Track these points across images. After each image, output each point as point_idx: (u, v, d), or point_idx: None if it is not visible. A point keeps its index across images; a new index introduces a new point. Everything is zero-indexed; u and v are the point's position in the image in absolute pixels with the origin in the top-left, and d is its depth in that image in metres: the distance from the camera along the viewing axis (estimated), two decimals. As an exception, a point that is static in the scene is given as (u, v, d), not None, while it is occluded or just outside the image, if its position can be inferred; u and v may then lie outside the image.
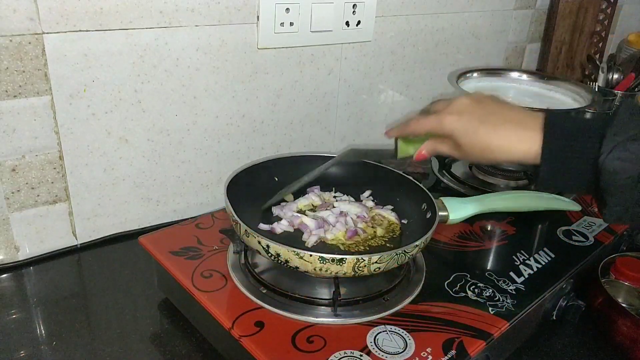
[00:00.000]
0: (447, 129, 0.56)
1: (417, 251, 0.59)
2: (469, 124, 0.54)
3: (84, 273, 0.74)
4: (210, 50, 0.78)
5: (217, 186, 0.88)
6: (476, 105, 0.56)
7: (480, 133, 0.53)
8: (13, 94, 0.65)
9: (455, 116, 0.55)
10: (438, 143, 0.59)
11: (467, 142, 0.55)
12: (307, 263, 0.53)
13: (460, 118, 0.55)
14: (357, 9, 0.90)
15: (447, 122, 0.56)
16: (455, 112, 0.56)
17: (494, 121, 0.54)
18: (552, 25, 1.35)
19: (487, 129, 0.53)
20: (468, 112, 0.55)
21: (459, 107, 0.56)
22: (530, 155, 0.51)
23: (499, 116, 0.54)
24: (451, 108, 0.56)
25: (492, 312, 0.59)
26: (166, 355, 0.60)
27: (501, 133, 0.53)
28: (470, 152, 0.55)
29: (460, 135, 0.55)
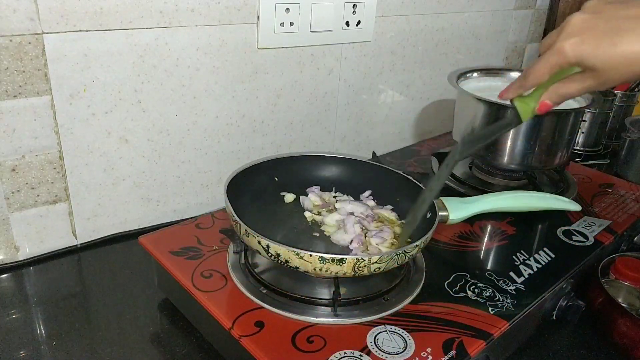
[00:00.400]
0: (573, 58, 0.46)
1: (417, 251, 0.59)
2: (598, 40, 0.45)
3: (84, 273, 0.74)
4: (210, 50, 0.78)
5: (217, 186, 0.88)
6: (598, 16, 0.46)
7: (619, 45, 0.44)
8: (13, 94, 0.65)
9: (577, 38, 0.46)
10: (563, 84, 0.50)
11: (604, 62, 0.45)
12: (307, 263, 0.53)
13: (584, 38, 0.46)
14: (357, 9, 0.90)
15: (570, 50, 0.46)
16: (574, 34, 0.46)
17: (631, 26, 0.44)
18: (552, 25, 1.35)
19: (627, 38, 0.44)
20: (591, 27, 0.46)
21: (577, 27, 0.46)
22: None
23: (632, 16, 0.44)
24: (568, 32, 0.47)
25: (492, 312, 0.59)
26: (166, 355, 0.60)
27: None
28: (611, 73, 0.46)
29: (592, 57, 0.45)
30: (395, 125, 1.13)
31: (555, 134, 0.82)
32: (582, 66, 0.47)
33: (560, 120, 0.82)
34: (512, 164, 0.84)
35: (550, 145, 0.83)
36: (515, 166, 0.85)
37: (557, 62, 0.48)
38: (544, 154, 0.83)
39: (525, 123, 0.78)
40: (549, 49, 0.48)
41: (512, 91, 0.54)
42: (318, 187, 0.74)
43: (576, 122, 0.85)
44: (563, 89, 0.50)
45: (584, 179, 0.95)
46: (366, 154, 0.84)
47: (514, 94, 0.54)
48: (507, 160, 0.84)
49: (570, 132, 0.84)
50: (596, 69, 0.46)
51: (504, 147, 0.83)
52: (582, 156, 1.18)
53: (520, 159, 0.83)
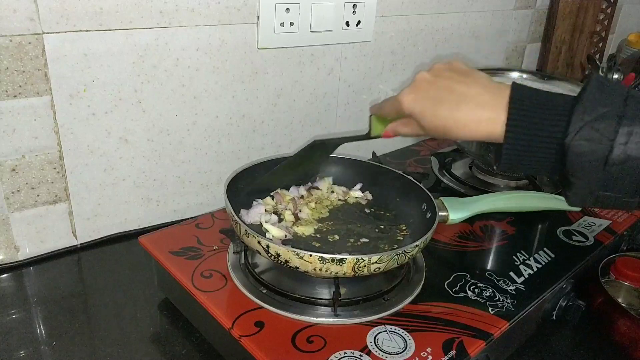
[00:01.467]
0: (406, 110, 0.53)
1: (417, 251, 0.59)
2: (426, 104, 0.51)
3: (84, 273, 0.74)
4: (210, 50, 0.78)
5: (217, 186, 0.88)
6: (434, 83, 0.52)
7: (439, 114, 0.50)
8: (13, 94, 0.65)
9: (412, 96, 0.53)
10: (401, 125, 0.58)
11: (427, 123, 0.52)
12: (307, 263, 0.53)
13: (417, 98, 0.52)
14: (357, 9, 0.90)
15: (405, 103, 0.53)
16: (412, 90, 0.53)
17: (453, 100, 0.50)
18: (552, 25, 1.35)
19: (446, 110, 0.50)
20: (425, 91, 0.52)
21: (417, 86, 0.53)
22: (493, 135, 0.48)
23: (458, 94, 0.50)
24: (410, 87, 0.54)
25: (492, 312, 0.59)
26: (166, 355, 0.60)
27: (462, 113, 0.49)
28: (432, 132, 0.53)
29: (420, 117, 0.52)
30: (395, 125, 1.13)
31: (555, 134, 0.82)
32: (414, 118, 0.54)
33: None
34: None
35: (550, 145, 0.83)
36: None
37: (397, 109, 0.55)
38: (544, 154, 0.83)
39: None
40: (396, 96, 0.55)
41: (372, 110, 0.62)
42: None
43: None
44: (400, 128, 0.58)
45: (584, 179, 0.94)
46: (366, 154, 0.84)
47: (371, 112, 0.62)
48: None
49: (570, 132, 0.84)
50: (422, 125, 0.53)
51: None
52: (582, 156, 1.17)
53: (520, 159, 0.83)
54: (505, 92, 0.48)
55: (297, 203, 0.70)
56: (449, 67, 0.54)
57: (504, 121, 0.46)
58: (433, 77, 0.53)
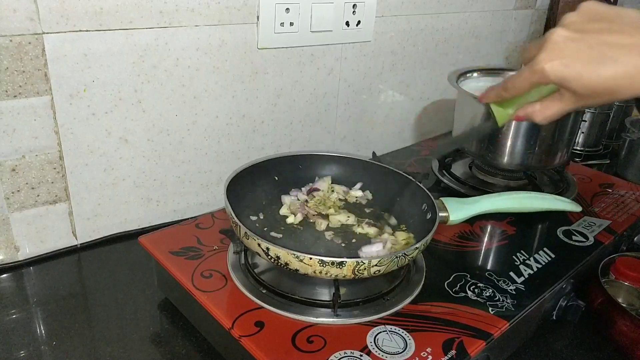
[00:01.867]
0: (554, 79, 0.45)
1: (417, 253, 0.59)
2: (581, 66, 0.44)
3: (84, 273, 0.74)
4: (210, 50, 0.78)
5: (217, 186, 0.88)
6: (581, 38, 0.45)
7: (602, 74, 0.43)
8: (13, 94, 0.65)
9: (559, 60, 0.45)
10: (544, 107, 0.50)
11: (586, 89, 0.45)
12: (307, 266, 0.53)
13: (566, 62, 0.44)
14: (357, 9, 0.90)
15: (550, 71, 0.45)
16: (557, 54, 0.45)
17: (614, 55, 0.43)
18: (552, 25, 1.35)
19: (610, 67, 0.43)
20: (574, 51, 0.44)
21: (561, 47, 0.45)
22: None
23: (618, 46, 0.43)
24: (550, 51, 0.45)
25: (492, 312, 0.59)
26: (166, 355, 0.60)
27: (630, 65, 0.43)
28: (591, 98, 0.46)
29: (575, 83, 0.45)
30: (395, 125, 1.13)
31: (555, 134, 0.82)
32: (563, 87, 0.47)
33: (560, 120, 0.81)
34: (512, 164, 0.84)
35: (550, 145, 0.83)
36: (515, 166, 0.85)
37: (537, 81, 0.47)
38: (544, 154, 0.83)
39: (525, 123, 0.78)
40: (530, 65, 0.47)
41: (490, 98, 0.54)
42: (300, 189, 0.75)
43: (576, 122, 0.85)
44: (543, 112, 0.50)
45: (584, 179, 0.95)
46: (366, 154, 0.84)
47: (491, 101, 0.54)
48: (507, 161, 0.84)
49: (570, 132, 0.84)
50: (577, 93, 0.46)
51: (504, 147, 0.83)
52: (582, 156, 1.18)
53: (520, 159, 0.83)
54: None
55: (305, 208, 0.70)
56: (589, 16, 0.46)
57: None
58: (577, 33, 0.45)
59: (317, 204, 0.71)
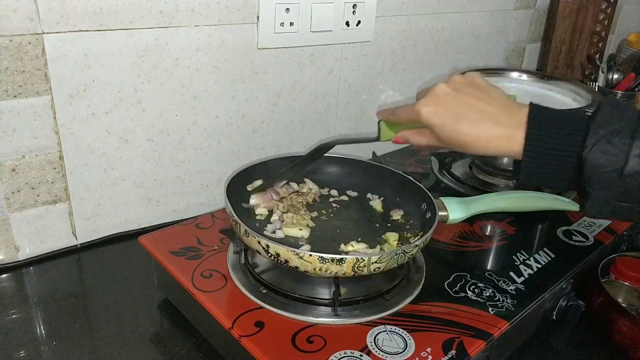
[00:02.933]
0: (424, 121, 0.54)
1: (416, 251, 0.59)
2: (446, 118, 0.53)
3: (84, 273, 0.74)
4: (210, 50, 0.78)
5: (217, 186, 0.88)
6: (454, 96, 0.53)
7: (459, 129, 0.52)
8: (13, 94, 0.65)
9: (432, 108, 0.53)
10: (415, 134, 0.58)
11: (445, 136, 0.53)
12: (307, 263, 0.53)
13: (437, 110, 0.53)
14: (357, 9, 0.90)
15: (424, 114, 0.54)
16: (432, 103, 0.54)
17: (473, 117, 0.52)
18: (552, 25, 1.35)
19: (467, 126, 0.52)
20: (445, 104, 0.53)
21: (437, 98, 0.54)
22: (511, 152, 0.50)
23: (478, 111, 0.52)
24: (429, 99, 0.54)
25: (492, 312, 0.59)
26: (166, 355, 0.60)
27: (481, 130, 0.51)
28: (449, 145, 0.54)
29: (438, 129, 0.53)
30: (395, 125, 1.13)
31: (555, 134, 0.82)
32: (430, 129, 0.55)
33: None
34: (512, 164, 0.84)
35: (550, 145, 0.83)
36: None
37: (414, 118, 0.55)
38: (544, 154, 0.83)
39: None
40: (413, 104, 0.55)
41: (382, 115, 0.62)
42: None
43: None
44: (412, 137, 0.59)
45: (584, 179, 0.95)
46: (366, 154, 0.84)
47: (381, 117, 0.62)
48: (507, 160, 0.84)
49: (570, 132, 0.84)
50: (439, 137, 0.54)
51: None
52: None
53: (520, 159, 0.83)
54: (523, 111, 0.50)
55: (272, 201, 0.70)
56: (468, 82, 0.55)
57: (522, 138, 0.49)
58: (454, 91, 0.54)
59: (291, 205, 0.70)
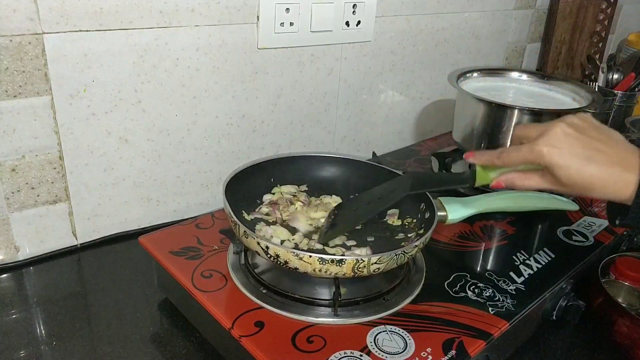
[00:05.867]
0: (547, 162, 0.52)
1: (416, 251, 0.59)
2: (573, 160, 0.51)
3: (84, 273, 0.74)
4: (210, 50, 0.78)
5: (217, 186, 0.88)
6: (579, 139, 0.52)
7: (587, 171, 0.50)
8: (13, 94, 0.65)
9: (557, 149, 0.51)
10: (523, 177, 0.56)
11: (568, 178, 0.51)
12: (307, 264, 0.53)
13: (562, 153, 0.51)
14: (357, 9, 0.90)
15: (547, 155, 0.51)
16: (557, 144, 0.51)
17: (601, 160, 0.50)
18: (552, 25, 1.35)
19: (594, 169, 0.50)
20: (572, 146, 0.51)
21: (561, 139, 0.52)
22: (625, 195, 0.50)
23: (605, 155, 0.51)
24: (550, 139, 0.52)
25: (492, 312, 0.59)
26: (166, 355, 0.60)
27: (607, 174, 0.50)
28: (570, 188, 0.52)
29: (562, 171, 0.51)
30: (395, 125, 1.13)
31: (555, 134, 0.82)
32: (549, 171, 0.52)
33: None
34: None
35: (550, 145, 0.83)
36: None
37: (532, 160, 0.53)
38: (544, 154, 0.83)
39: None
40: (530, 145, 0.53)
41: (482, 160, 0.58)
42: None
43: (576, 122, 0.84)
44: (522, 181, 0.56)
45: (584, 179, 0.95)
46: (366, 154, 0.84)
47: (481, 163, 0.59)
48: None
49: (570, 132, 0.84)
50: (559, 179, 0.52)
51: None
52: (582, 156, 1.17)
53: (520, 159, 0.83)
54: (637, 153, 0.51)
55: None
56: (589, 124, 0.53)
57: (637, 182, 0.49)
58: (577, 132, 0.52)
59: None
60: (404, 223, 0.69)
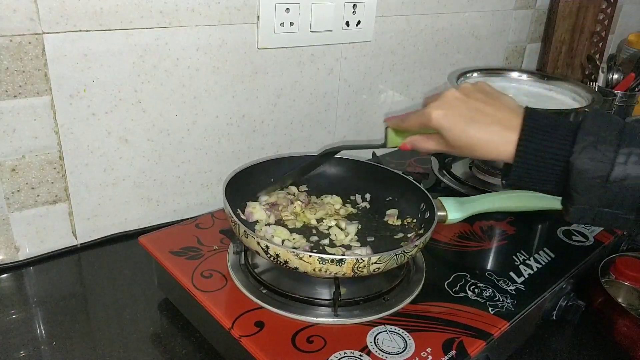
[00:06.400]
0: (435, 125, 0.55)
1: (416, 251, 0.59)
2: (456, 121, 0.54)
3: (84, 273, 0.74)
4: (210, 50, 0.78)
5: (217, 186, 0.88)
6: (465, 101, 0.55)
7: (469, 132, 0.53)
8: (13, 94, 0.65)
9: (442, 111, 0.55)
10: (422, 139, 0.60)
11: (453, 139, 0.55)
12: (307, 264, 0.53)
13: (447, 114, 0.55)
14: (357, 9, 0.90)
15: (434, 118, 0.55)
16: (443, 107, 0.55)
17: (482, 120, 0.53)
18: (552, 25, 1.35)
19: (475, 129, 0.53)
20: (456, 108, 0.55)
21: (448, 102, 0.55)
22: (507, 153, 0.52)
23: (486, 115, 0.53)
24: (440, 102, 0.56)
25: (492, 312, 0.59)
26: (166, 355, 0.60)
27: (488, 133, 0.53)
28: (456, 149, 0.56)
29: (447, 132, 0.55)
30: (395, 125, 1.13)
31: (555, 134, 0.82)
32: (439, 133, 0.56)
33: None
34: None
35: (550, 145, 0.83)
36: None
37: (424, 123, 0.57)
38: (544, 154, 0.83)
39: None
40: (424, 109, 0.57)
41: (392, 122, 0.63)
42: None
43: (576, 122, 0.84)
44: (420, 142, 0.60)
45: (584, 179, 0.94)
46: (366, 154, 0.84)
47: (391, 125, 0.63)
48: (507, 160, 0.84)
49: (570, 132, 0.84)
50: (447, 140, 0.56)
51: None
52: (582, 156, 1.17)
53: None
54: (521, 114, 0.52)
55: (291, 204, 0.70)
56: (478, 89, 0.57)
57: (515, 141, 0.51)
58: (464, 96, 0.55)
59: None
60: (403, 223, 0.69)
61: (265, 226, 0.66)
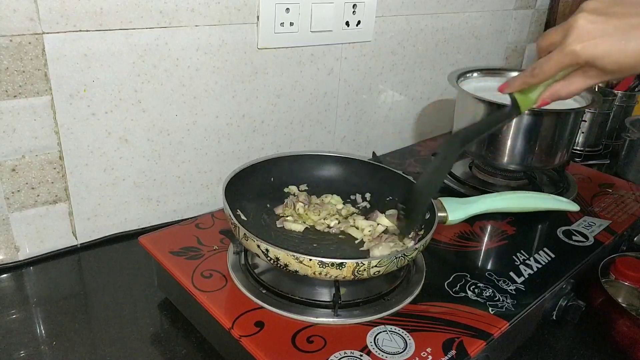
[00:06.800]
0: (585, 59, 0.48)
1: (416, 254, 0.59)
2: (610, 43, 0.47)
3: (84, 273, 0.74)
4: (210, 50, 0.78)
5: (217, 186, 0.88)
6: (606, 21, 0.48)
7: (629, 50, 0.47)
8: (13, 94, 0.65)
9: (590, 42, 0.48)
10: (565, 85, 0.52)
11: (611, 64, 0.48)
12: (307, 267, 0.53)
13: (596, 42, 0.48)
14: (357, 9, 0.90)
15: (582, 52, 0.48)
16: (585, 37, 0.48)
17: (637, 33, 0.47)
18: (552, 25, 1.35)
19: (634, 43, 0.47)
20: (602, 32, 0.48)
21: (588, 30, 0.48)
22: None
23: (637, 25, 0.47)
24: (578, 35, 0.48)
25: (492, 312, 0.59)
26: (166, 355, 0.60)
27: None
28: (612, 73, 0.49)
29: (603, 60, 0.48)
30: (395, 125, 1.13)
31: (555, 134, 0.82)
32: (592, 66, 0.49)
33: (560, 120, 0.82)
34: (512, 164, 0.85)
35: (550, 145, 0.83)
36: (515, 166, 0.85)
37: (569, 63, 0.50)
38: (544, 154, 0.83)
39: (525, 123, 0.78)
40: (560, 49, 0.50)
41: (515, 86, 0.55)
42: None
43: (576, 122, 0.85)
44: (565, 89, 0.52)
45: (584, 179, 0.95)
46: (366, 153, 0.84)
47: (517, 89, 0.55)
48: (507, 160, 0.84)
49: (571, 132, 0.84)
50: (605, 70, 0.49)
51: (504, 147, 0.83)
52: (582, 156, 1.18)
53: (520, 159, 0.84)
54: None
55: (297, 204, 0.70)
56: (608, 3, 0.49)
57: None
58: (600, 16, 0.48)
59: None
60: None
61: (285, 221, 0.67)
